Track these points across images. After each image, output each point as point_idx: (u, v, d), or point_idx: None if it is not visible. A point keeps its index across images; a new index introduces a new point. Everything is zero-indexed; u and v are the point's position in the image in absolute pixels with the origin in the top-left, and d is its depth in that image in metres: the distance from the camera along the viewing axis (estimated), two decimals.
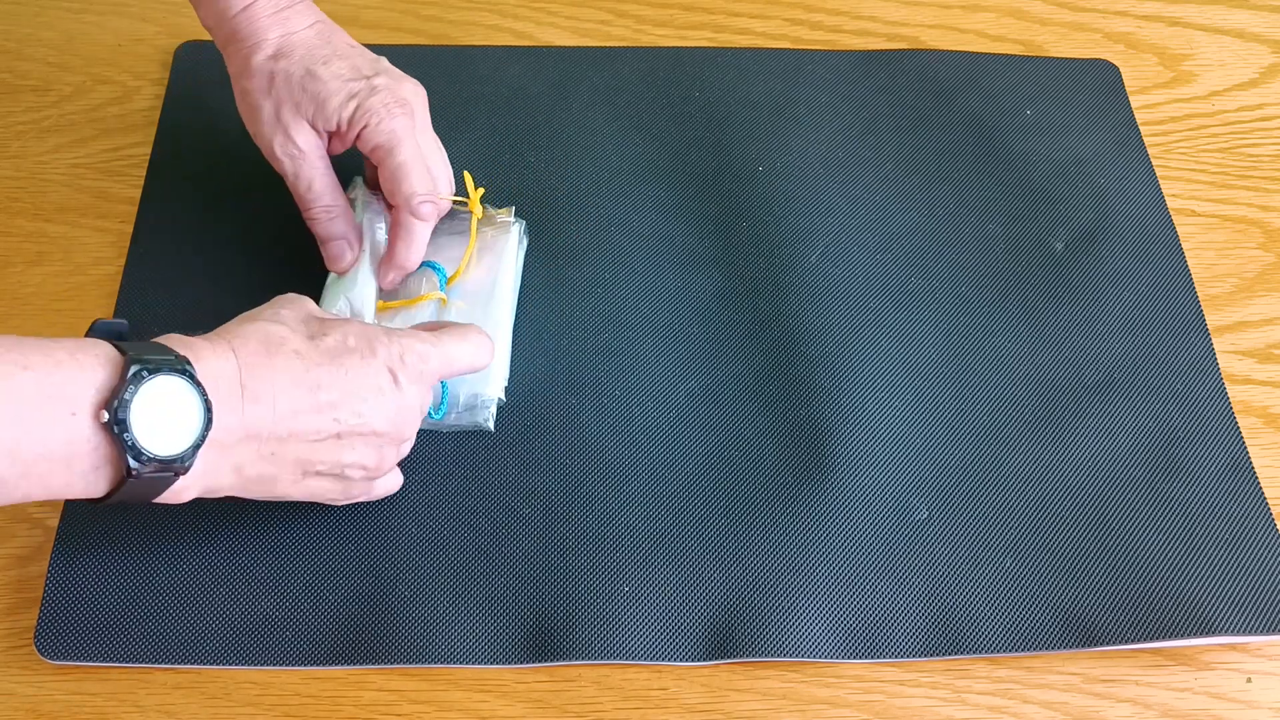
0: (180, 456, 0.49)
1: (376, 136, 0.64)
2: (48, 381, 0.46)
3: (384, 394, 0.55)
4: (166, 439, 0.48)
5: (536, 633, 0.59)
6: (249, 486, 0.54)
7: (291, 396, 0.52)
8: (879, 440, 0.66)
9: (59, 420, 0.46)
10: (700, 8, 0.88)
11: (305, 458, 0.54)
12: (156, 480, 0.49)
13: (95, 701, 0.57)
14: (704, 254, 0.73)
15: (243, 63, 0.64)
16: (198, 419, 0.49)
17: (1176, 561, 0.62)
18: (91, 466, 0.48)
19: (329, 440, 0.54)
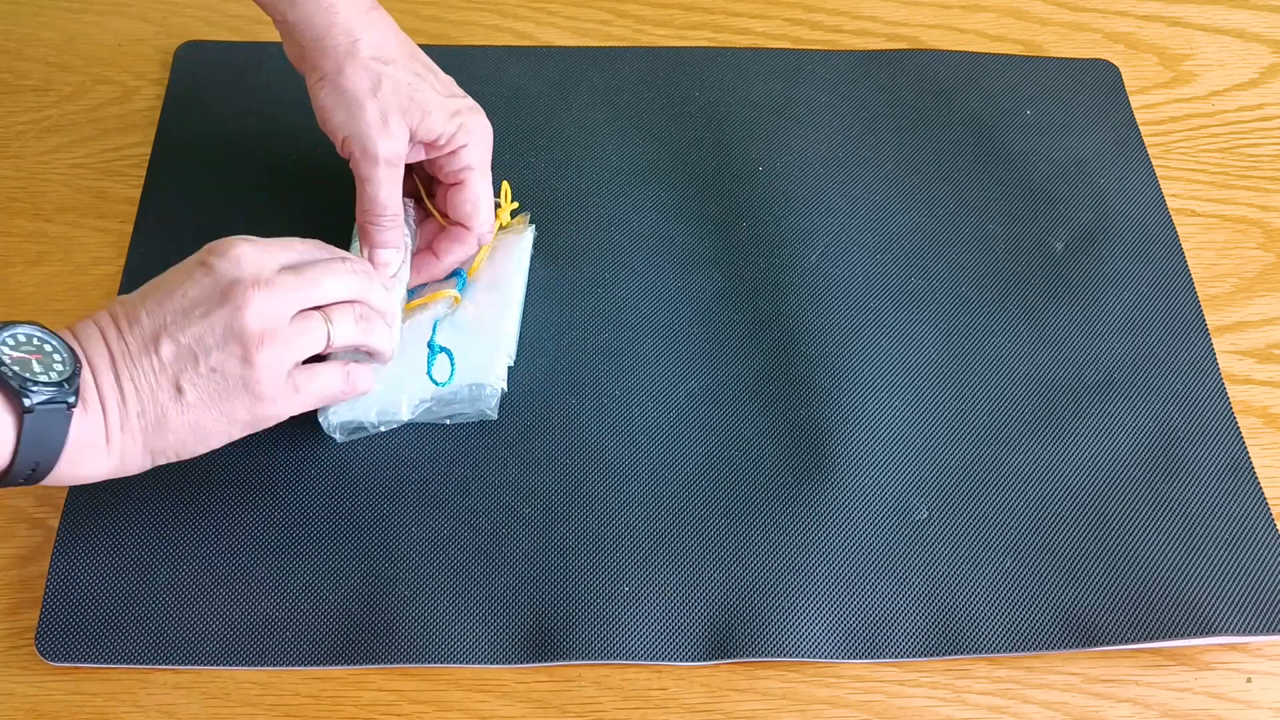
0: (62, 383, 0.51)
1: (470, 158, 0.65)
2: None
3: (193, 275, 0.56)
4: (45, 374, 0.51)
5: (536, 633, 0.59)
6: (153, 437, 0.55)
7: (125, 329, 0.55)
8: (879, 440, 0.66)
9: None
10: (700, 8, 0.88)
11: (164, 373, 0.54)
12: (53, 419, 0.51)
13: (95, 701, 0.57)
14: (704, 254, 0.73)
15: (341, 59, 0.63)
16: (66, 355, 0.52)
17: (1176, 561, 0.62)
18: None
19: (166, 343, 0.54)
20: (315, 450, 0.64)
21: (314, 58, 0.64)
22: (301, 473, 0.63)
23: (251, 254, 0.56)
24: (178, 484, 0.62)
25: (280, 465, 0.63)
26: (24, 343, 0.52)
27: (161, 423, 0.54)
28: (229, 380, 0.55)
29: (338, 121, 0.63)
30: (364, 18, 0.64)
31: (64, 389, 0.51)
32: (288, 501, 0.62)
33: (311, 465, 0.63)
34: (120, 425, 0.54)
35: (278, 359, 0.55)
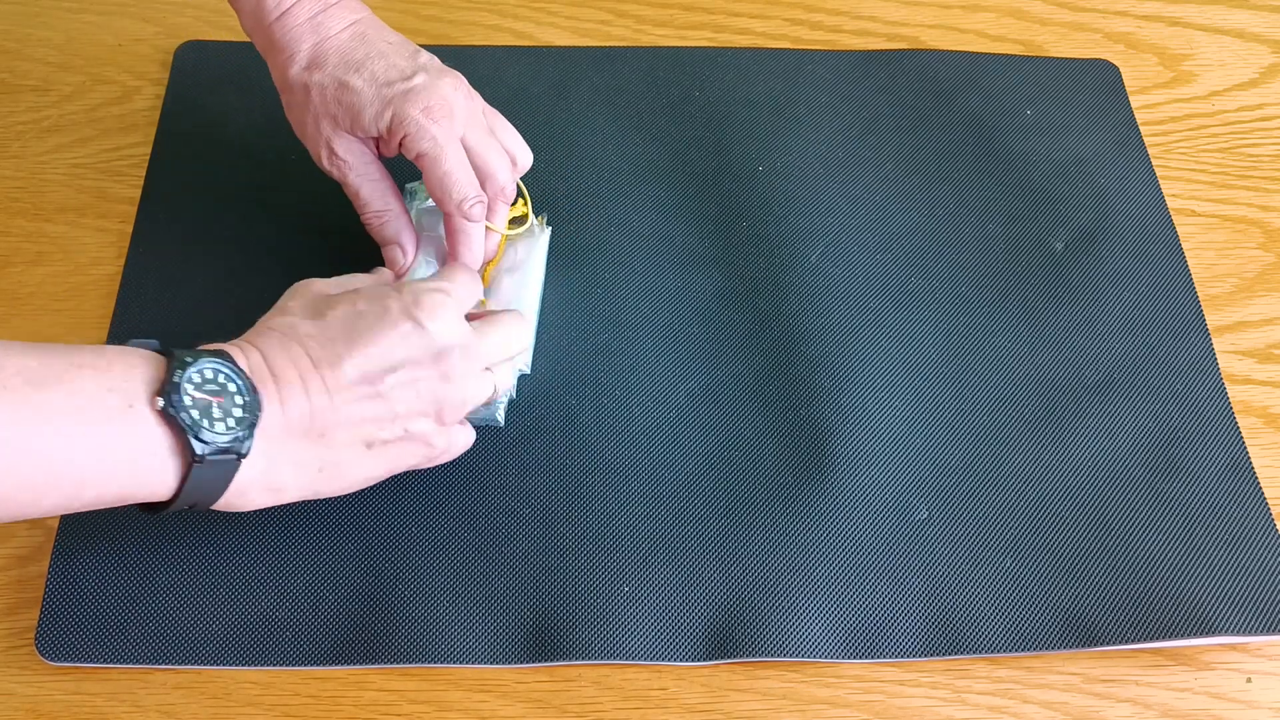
0: (238, 436, 0.49)
1: (418, 145, 0.62)
2: (103, 379, 0.47)
3: (408, 338, 0.55)
4: (221, 421, 0.49)
5: (536, 633, 0.59)
6: (315, 481, 0.54)
7: (316, 377, 0.53)
8: (879, 440, 0.66)
9: (119, 413, 0.47)
10: (700, 8, 0.88)
11: (360, 430, 0.54)
12: (221, 469, 0.50)
13: (95, 701, 0.57)
14: (704, 254, 0.73)
15: (280, 76, 0.64)
16: (245, 399, 0.50)
17: (1176, 561, 0.62)
18: (157, 460, 0.48)
19: (373, 402, 0.54)
20: None
21: (272, 74, 0.65)
22: None
23: (455, 316, 0.57)
24: None
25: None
26: (209, 380, 0.49)
27: (337, 474, 0.54)
28: (415, 440, 0.56)
29: (298, 130, 0.65)
30: (304, 26, 0.63)
31: (239, 440, 0.49)
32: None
33: None
34: (293, 476, 0.53)
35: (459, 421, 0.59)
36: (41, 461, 0.46)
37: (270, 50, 0.64)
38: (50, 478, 0.46)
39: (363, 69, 0.62)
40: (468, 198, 0.63)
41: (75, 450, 0.46)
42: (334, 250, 0.72)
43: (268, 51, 0.64)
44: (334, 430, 0.53)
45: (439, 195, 0.63)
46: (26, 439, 0.45)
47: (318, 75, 0.62)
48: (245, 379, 0.51)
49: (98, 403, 0.47)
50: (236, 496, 0.51)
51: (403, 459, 0.57)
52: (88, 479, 0.47)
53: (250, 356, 0.52)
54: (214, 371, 0.50)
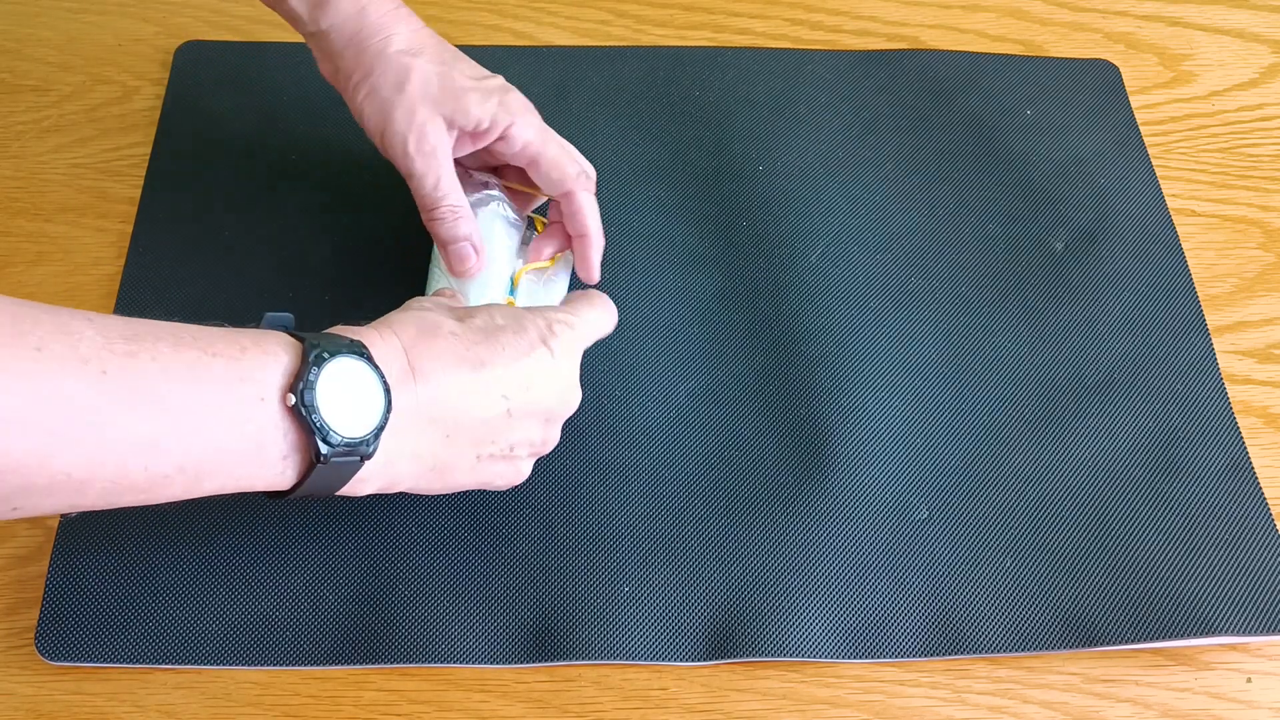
0: (365, 439, 0.48)
1: (525, 133, 0.63)
2: (235, 367, 0.46)
3: (543, 365, 0.55)
4: (351, 422, 0.48)
5: (537, 633, 0.59)
6: (424, 477, 0.53)
7: (457, 375, 0.52)
8: (879, 440, 0.66)
9: (249, 405, 0.46)
10: (700, 8, 0.88)
11: (479, 439, 0.54)
12: (343, 467, 0.49)
13: (95, 701, 0.57)
14: (704, 254, 0.73)
15: (373, 57, 0.63)
16: (379, 400, 0.49)
17: (1176, 562, 0.62)
18: (280, 455, 0.47)
19: (500, 418, 0.54)
20: None
21: (348, 65, 0.64)
22: None
23: (579, 351, 0.58)
24: None
25: None
26: (345, 377, 0.48)
27: (445, 475, 0.54)
28: (511, 462, 0.56)
29: (373, 123, 0.63)
30: (394, 14, 0.63)
31: (365, 444, 0.48)
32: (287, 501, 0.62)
33: None
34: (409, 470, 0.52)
35: None
36: (166, 456, 0.45)
37: (357, 38, 0.63)
38: (173, 470, 0.45)
39: (459, 62, 0.64)
40: (585, 170, 0.65)
41: (201, 443, 0.45)
42: (334, 250, 0.72)
43: (355, 38, 0.63)
44: (459, 432, 0.53)
45: (557, 175, 0.64)
46: (155, 432, 0.44)
47: (419, 59, 0.62)
48: (381, 376, 0.49)
49: (229, 395, 0.45)
50: (352, 486, 0.51)
51: (493, 478, 0.57)
52: (208, 471, 0.46)
53: (389, 344, 0.51)
54: (350, 368, 0.48)
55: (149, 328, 0.45)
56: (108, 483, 0.44)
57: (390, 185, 0.75)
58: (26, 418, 0.40)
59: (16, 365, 0.40)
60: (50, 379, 0.41)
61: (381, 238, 0.72)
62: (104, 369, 0.42)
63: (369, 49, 0.63)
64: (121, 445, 0.43)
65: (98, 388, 0.42)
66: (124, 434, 0.43)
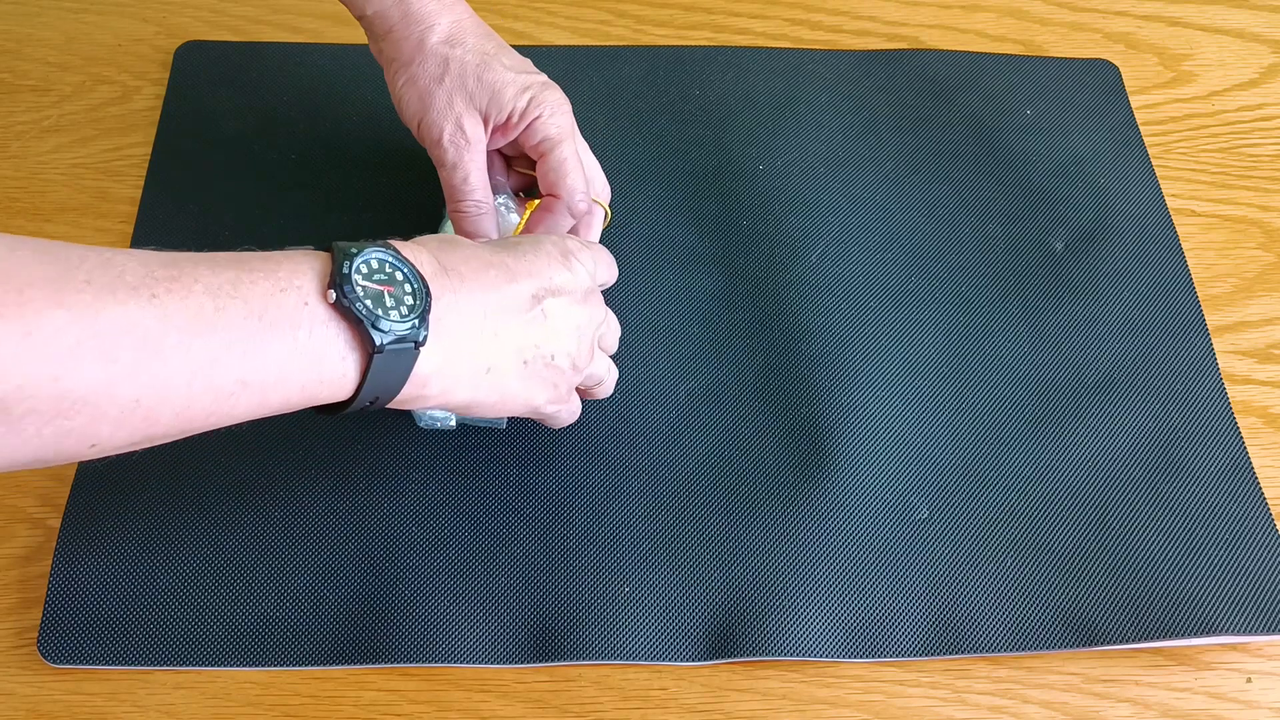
0: (413, 323, 0.49)
1: (547, 129, 0.64)
2: (273, 280, 0.46)
3: (562, 271, 0.56)
4: (396, 311, 0.48)
5: (537, 633, 0.59)
6: (481, 381, 0.53)
7: (486, 274, 0.53)
8: (879, 439, 0.66)
9: (295, 311, 0.46)
10: (700, 8, 0.88)
11: (521, 342, 0.54)
12: (400, 359, 0.49)
13: (95, 701, 0.57)
14: (704, 253, 0.73)
15: (414, 47, 0.64)
16: (416, 286, 0.49)
17: (1176, 561, 0.62)
18: (338, 356, 0.48)
19: (536, 318, 0.54)
20: (315, 450, 0.64)
21: (390, 50, 0.65)
22: (301, 473, 0.63)
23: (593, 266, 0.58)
24: (178, 484, 0.62)
25: (280, 465, 0.63)
26: (376, 270, 0.48)
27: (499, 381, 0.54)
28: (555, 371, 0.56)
29: (411, 110, 0.64)
30: (437, 4, 0.64)
31: (415, 329, 0.49)
32: (287, 501, 0.62)
33: (311, 465, 0.63)
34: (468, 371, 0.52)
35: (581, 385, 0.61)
36: (227, 371, 0.45)
37: (400, 25, 0.64)
38: (237, 386, 0.46)
39: (500, 55, 0.65)
40: (578, 189, 0.65)
41: (259, 356, 0.46)
42: None
43: (398, 26, 0.64)
44: (504, 332, 0.53)
45: (553, 179, 0.65)
46: (212, 351, 0.44)
47: (458, 50, 0.63)
48: (412, 267, 0.50)
49: (274, 305, 0.46)
50: (416, 389, 0.51)
51: (541, 389, 0.56)
52: (271, 383, 0.47)
53: (415, 248, 0.52)
54: (379, 261, 0.49)
55: (184, 256, 0.46)
56: (178, 405, 0.44)
57: (389, 185, 0.75)
58: (89, 348, 0.41)
59: (71, 298, 0.41)
60: (105, 308, 0.42)
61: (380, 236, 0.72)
62: (153, 293, 0.43)
63: (410, 38, 0.64)
64: (182, 366, 0.44)
65: (150, 312, 0.43)
66: (183, 355, 0.44)
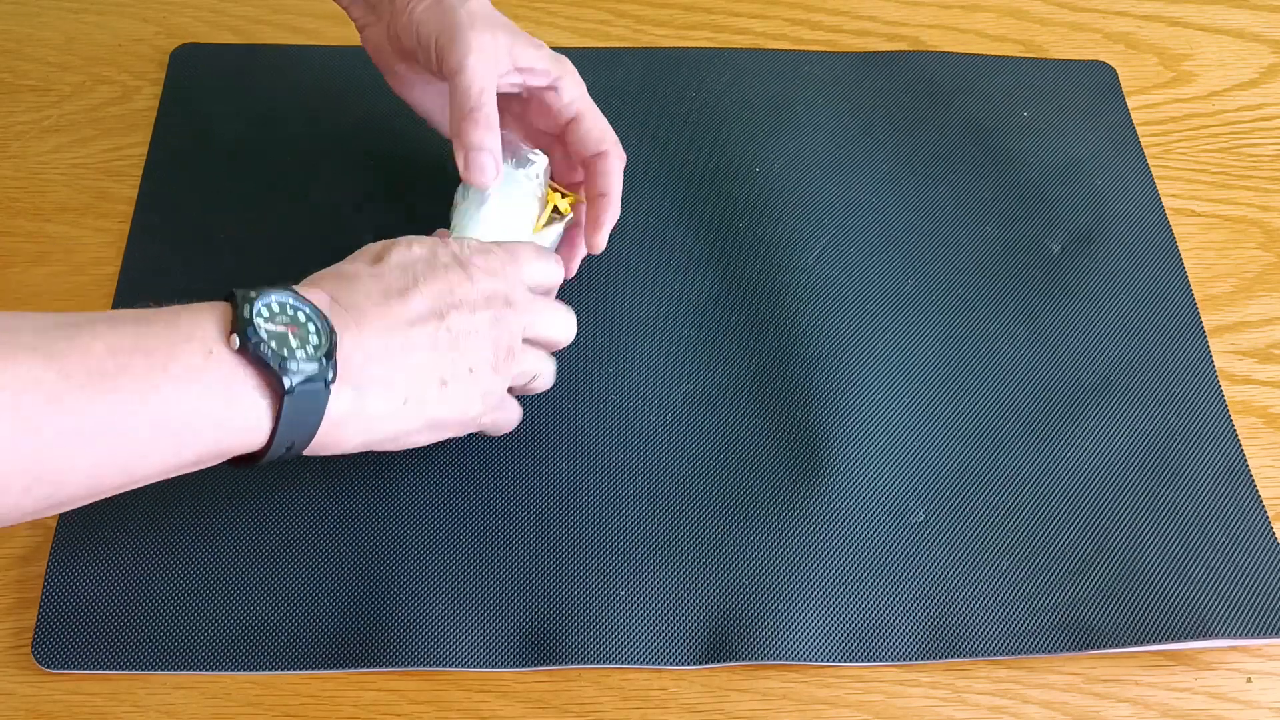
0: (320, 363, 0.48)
1: (575, 89, 0.65)
2: (174, 331, 0.46)
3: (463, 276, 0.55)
4: (299, 349, 0.48)
5: (533, 637, 0.59)
6: (401, 414, 0.53)
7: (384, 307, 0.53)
8: (876, 442, 0.66)
9: (200, 361, 0.46)
10: (700, 8, 0.88)
11: (434, 362, 0.54)
12: (311, 400, 0.49)
13: (95, 701, 0.57)
14: (700, 255, 0.73)
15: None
16: (318, 325, 0.49)
17: (1173, 565, 0.62)
18: (247, 402, 0.47)
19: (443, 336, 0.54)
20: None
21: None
22: (297, 476, 0.63)
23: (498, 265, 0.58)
24: (173, 487, 0.62)
25: (275, 468, 0.63)
26: (279, 312, 0.48)
27: (419, 410, 0.54)
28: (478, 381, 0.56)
29: (428, 28, 0.62)
30: None
31: (323, 365, 0.48)
32: (283, 504, 0.62)
33: (307, 468, 0.63)
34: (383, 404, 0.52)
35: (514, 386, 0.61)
36: (135, 428, 0.45)
37: None
38: (145, 443, 0.45)
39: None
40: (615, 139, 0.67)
41: (165, 409, 0.45)
42: (331, 252, 0.72)
43: None
44: (414, 359, 0.53)
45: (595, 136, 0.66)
46: (117, 407, 0.44)
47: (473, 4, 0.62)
48: (313, 307, 0.50)
49: (177, 357, 0.46)
50: (332, 432, 0.51)
51: (470, 403, 0.56)
52: (181, 436, 0.46)
53: (316, 294, 0.52)
54: (280, 304, 0.49)
55: (84, 316, 0.46)
56: (85, 466, 0.44)
57: (388, 186, 0.75)
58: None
59: None
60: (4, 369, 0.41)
61: (377, 237, 0.72)
62: (50, 353, 0.43)
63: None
64: (86, 424, 0.43)
65: (49, 371, 0.42)
66: (86, 412, 0.43)
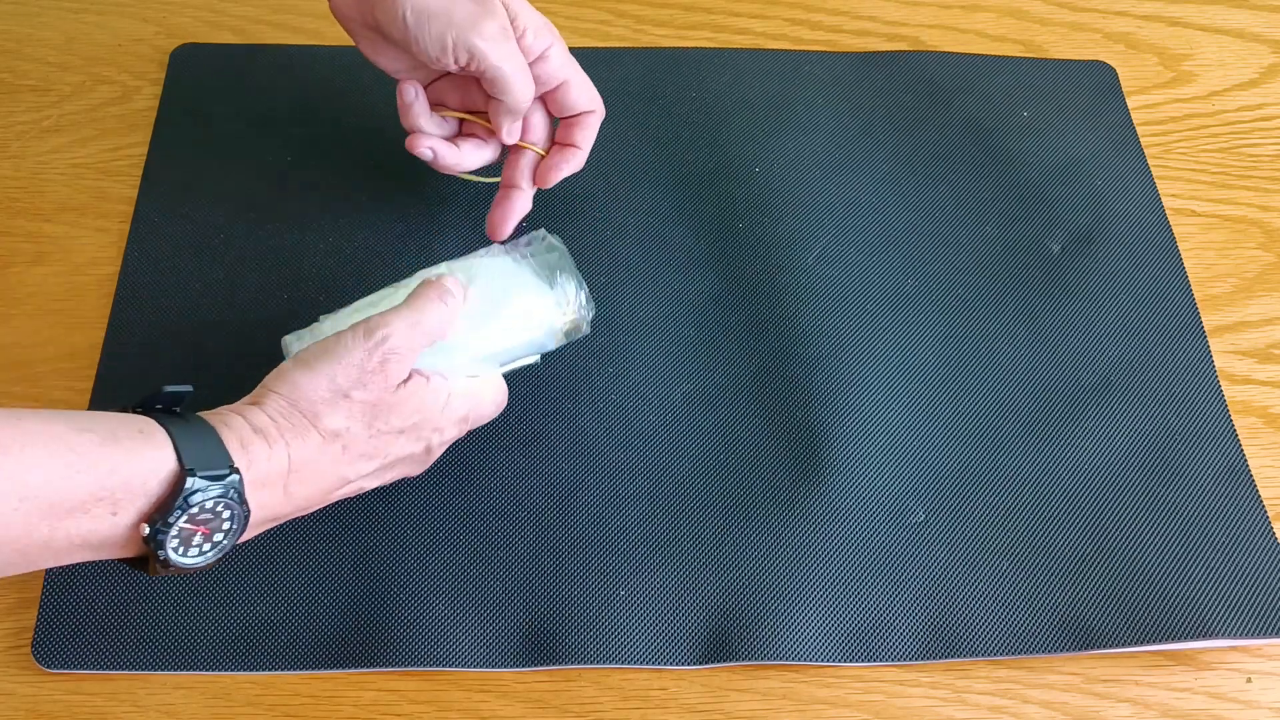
0: (205, 560, 0.50)
1: (564, 54, 0.66)
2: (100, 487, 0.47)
3: (414, 459, 0.59)
4: (197, 550, 0.50)
5: (533, 637, 0.59)
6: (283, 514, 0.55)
7: (325, 483, 0.55)
8: (876, 443, 0.66)
9: (101, 519, 0.47)
10: (700, 8, 0.88)
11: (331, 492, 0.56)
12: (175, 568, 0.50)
13: (95, 701, 0.57)
14: (700, 256, 0.73)
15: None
16: (233, 531, 0.51)
17: (1173, 565, 0.62)
18: (118, 549, 0.49)
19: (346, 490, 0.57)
20: None
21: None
22: None
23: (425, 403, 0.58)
24: None
25: None
26: (206, 510, 0.49)
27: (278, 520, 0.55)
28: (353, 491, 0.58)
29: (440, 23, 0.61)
30: None
31: (205, 560, 0.50)
32: None
33: None
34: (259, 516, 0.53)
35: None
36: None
37: None
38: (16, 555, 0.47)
39: None
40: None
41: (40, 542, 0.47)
42: (328, 252, 0.72)
43: None
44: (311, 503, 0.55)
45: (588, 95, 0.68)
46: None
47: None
48: (243, 509, 0.50)
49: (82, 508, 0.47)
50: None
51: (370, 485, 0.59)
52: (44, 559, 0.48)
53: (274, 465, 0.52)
54: (215, 502, 0.49)
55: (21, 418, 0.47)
56: None
57: (387, 186, 0.75)
58: None
59: None
60: None
61: (376, 238, 0.72)
62: None
63: None
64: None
65: None
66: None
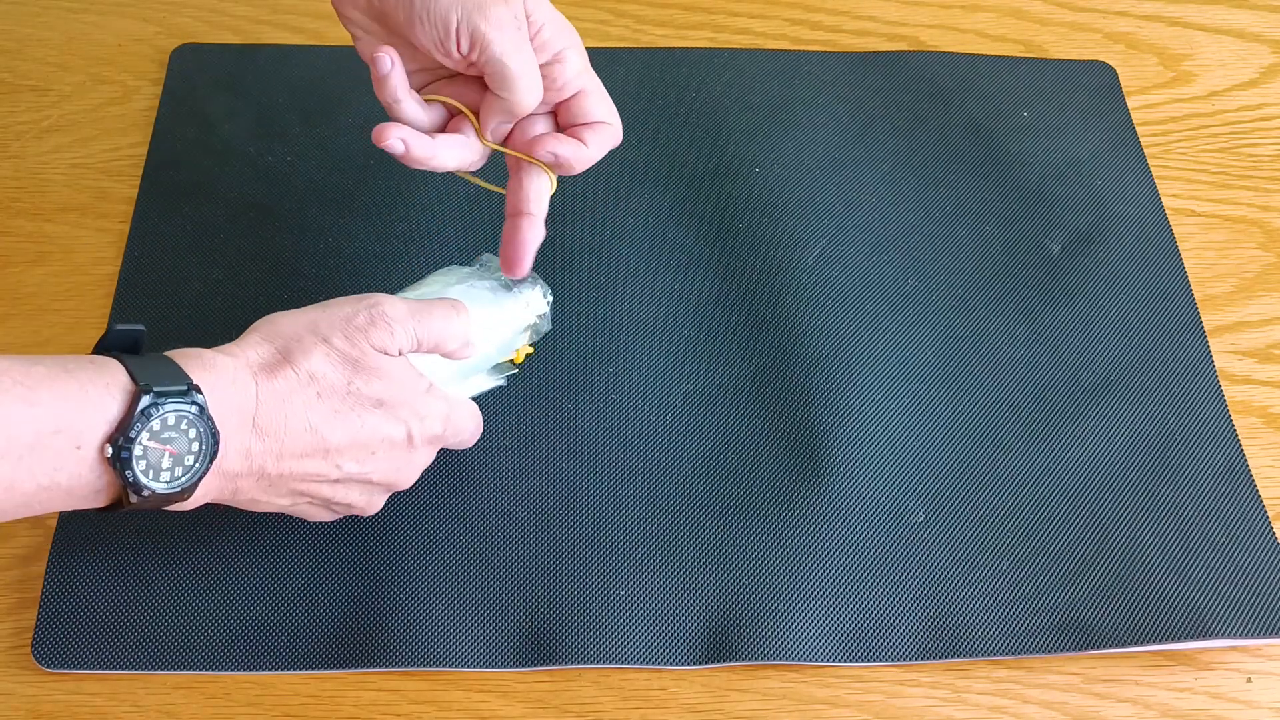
0: (180, 491, 0.49)
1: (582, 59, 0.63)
2: (55, 417, 0.45)
3: (395, 449, 0.55)
4: (169, 473, 0.48)
5: (532, 637, 0.59)
6: (238, 502, 0.54)
7: (301, 440, 0.52)
8: (876, 443, 0.66)
9: (64, 454, 0.46)
10: (700, 8, 0.88)
11: (299, 490, 0.54)
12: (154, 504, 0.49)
13: (95, 701, 0.57)
14: (700, 256, 0.73)
15: None
16: (203, 453, 0.49)
17: (1173, 565, 0.62)
18: (92, 492, 0.48)
19: (328, 484, 0.55)
20: None
21: None
22: None
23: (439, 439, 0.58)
24: None
25: None
26: (169, 427, 0.47)
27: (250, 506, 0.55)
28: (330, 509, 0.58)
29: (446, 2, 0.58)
30: None
31: (179, 495, 0.49)
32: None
33: None
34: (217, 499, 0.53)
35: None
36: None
37: None
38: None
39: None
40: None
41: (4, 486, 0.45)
42: (328, 251, 0.72)
43: None
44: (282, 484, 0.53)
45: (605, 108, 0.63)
46: None
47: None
48: (212, 430, 0.49)
49: (41, 445, 0.45)
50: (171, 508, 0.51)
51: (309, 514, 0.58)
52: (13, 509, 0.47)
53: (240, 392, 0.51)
54: (179, 418, 0.47)
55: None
56: None
57: (386, 187, 0.75)
58: None
59: None
60: None
61: (377, 239, 0.72)
62: None
63: None
64: None
65: None
66: None
